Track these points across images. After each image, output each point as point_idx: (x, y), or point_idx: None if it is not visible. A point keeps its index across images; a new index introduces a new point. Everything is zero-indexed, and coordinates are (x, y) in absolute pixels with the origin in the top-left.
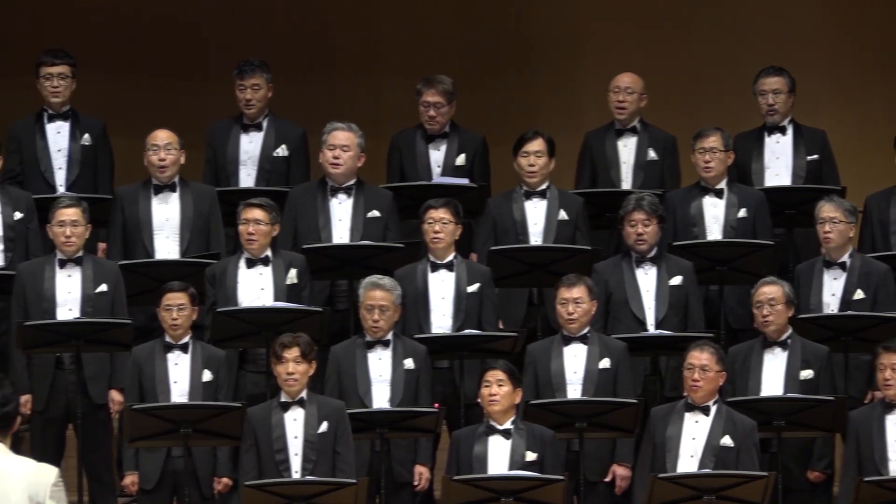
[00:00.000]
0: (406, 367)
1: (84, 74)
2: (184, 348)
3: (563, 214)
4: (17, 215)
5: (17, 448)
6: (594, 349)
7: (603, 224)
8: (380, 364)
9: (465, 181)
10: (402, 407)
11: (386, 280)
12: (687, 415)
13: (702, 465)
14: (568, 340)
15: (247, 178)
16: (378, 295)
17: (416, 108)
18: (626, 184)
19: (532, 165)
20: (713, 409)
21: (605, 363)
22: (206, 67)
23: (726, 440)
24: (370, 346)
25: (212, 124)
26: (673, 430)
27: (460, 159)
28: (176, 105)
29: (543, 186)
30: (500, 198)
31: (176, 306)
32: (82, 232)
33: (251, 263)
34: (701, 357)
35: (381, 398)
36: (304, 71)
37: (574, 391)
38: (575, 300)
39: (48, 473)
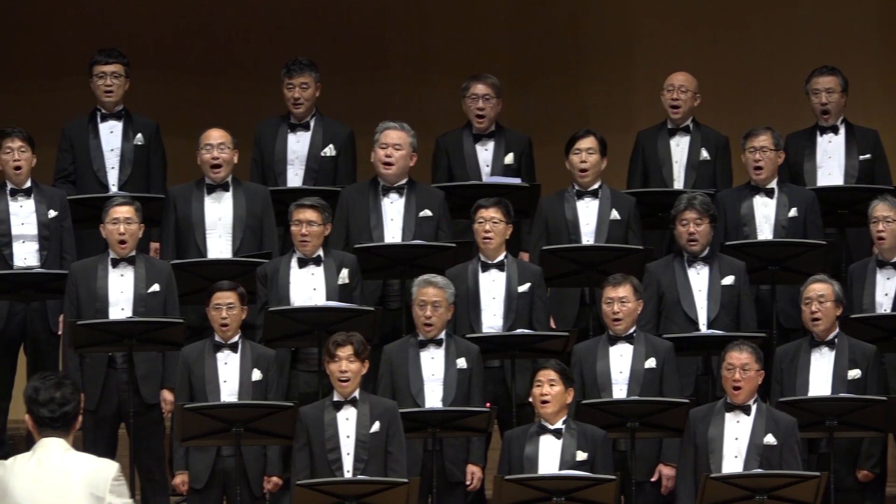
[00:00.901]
0: (459, 367)
1: (137, 74)
2: (233, 347)
3: (615, 214)
4: (52, 214)
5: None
6: (640, 349)
7: (655, 224)
8: (432, 363)
9: (516, 180)
10: (455, 406)
11: (439, 278)
12: (728, 415)
13: (747, 465)
14: (614, 340)
15: (294, 177)
16: (431, 292)
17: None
18: (679, 183)
19: (584, 163)
20: (754, 409)
21: (650, 363)
22: (257, 67)
23: (769, 439)
24: (423, 345)
25: (259, 124)
26: (715, 431)
27: (508, 158)
28: (227, 105)
29: (596, 186)
30: (552, 197)
31: (225, 305)
32: (135, 230)
33: (303, 263)
34: (741, 357)
35: (433, 397)
36: (354, 71)
37: (620, 391)
38: (620, 299)
39: (109, 469)
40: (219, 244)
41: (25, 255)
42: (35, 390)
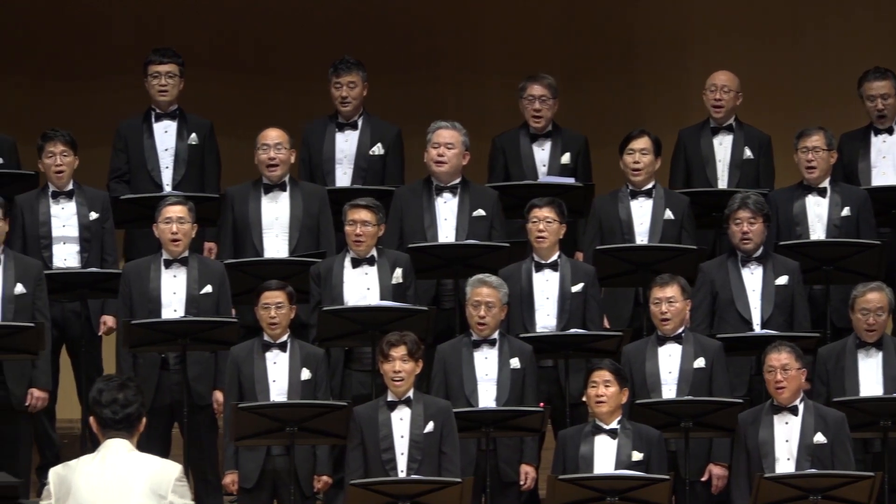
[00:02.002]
0: (512, 367)
1: (191, 74)
2: (282, 347)
3: (668, 214)
4: (93, 215)
5: None
6: (689, 349)
7: (708, 223)
8: (486, 363)
9: (570, 180)
10: (508, 406)
11: (493, 278)
12: (776, 417)
13: (798, 465)
14: (663, 340)
15: (343, 176)
16: (485, 291)
17: (518, 110)
18: (722, 182)
19: (637, 163)
20: (801, 408)
21: (699, 362)
22: (310, 67)
23: (819, 437)
24: (477, 344)
25: (307, 123)
26: (765, 434)
27: (565, 158)
28: (281, 105)
29: (649, 186)
30: (606, 197)
31: (274, 304)
32: (188, 230)
33: (357, 263)
34: (780, 357)
35: (487, 397)
36: (406, 71)
37: (669, 391)
38: (668, 299)
39: (172, 469)
40: (275, 244)
41: (66, 256)
42: (99, 392)
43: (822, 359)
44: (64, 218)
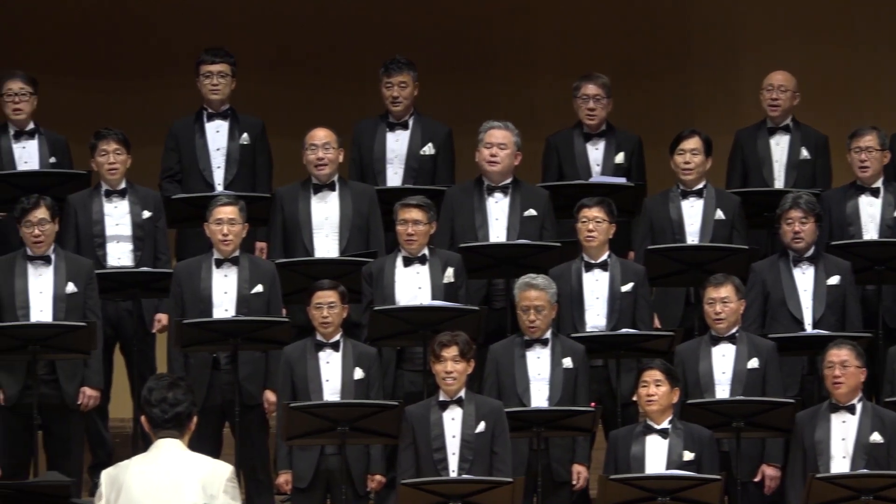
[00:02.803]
0: (565, 366)
1: (243, 74)
2: (335, 346)
3: (719, 214)
4: (146, 214)
5: None
6: (742, 348)
7: (760, 223)
8: (538, 363)
9: (621, 180)
10: (561, 406)
11: (540, 279)
12: (833, 416)
13: (854, 464)
14: (716, 340)
15: (393, 176)
16: (533, 295)
17: (571, 109)
18: (779, 182)
19: (688, 163)
20: (859, 407)
21: (753, 363)
22: (362, 67)
23: (875, 437)
24: (528, 344)
25: (357, 124)
26: (821, 433)
27: (619, 157)
28: (332, 104)
29: (700, 185)
30: (656, 197)
31: (326, 304)
32: (239, 230)
33: (408, 262)
34: (840, 354)
35: (539, 397)
36: (458, 71)
37: (722, 391)
38: (722, 300)
39: (223, 470)
40: (326, 244)
41: (119, 255)
42: (149, 391)
43: (891, 358)
44: (117, 217)
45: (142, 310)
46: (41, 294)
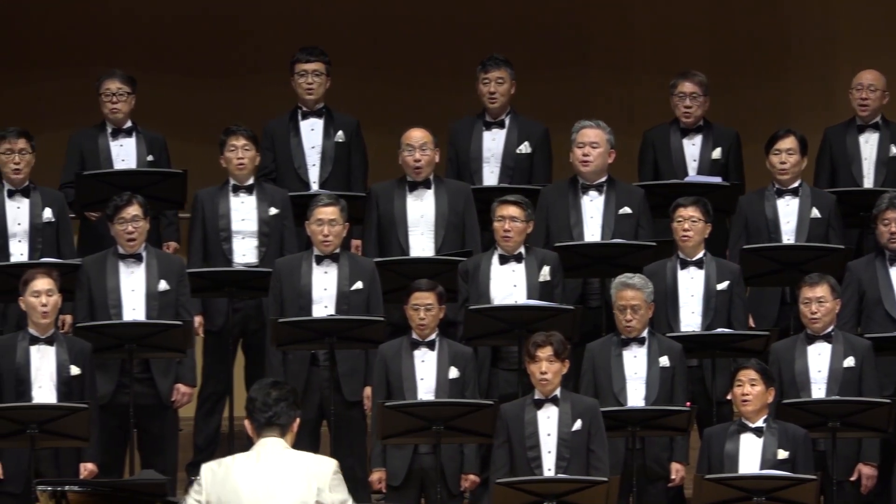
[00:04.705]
0: (661, 365)
1: (338, 72)
2: (430, 345)
3: (815, 212)
4: (273, 211)
5: None
6: (838, 347)
7: (854, 223)
8: (635, 362)
9: (717, 179)
10: (657, 405)
11: (636, 278)
12: None
13: None
14: (812, 339)
15: (490, 175)
16: (629, 294)
17: (669, 106)
18: (868, 181)
19: (783, 163)
20: None
21: (849, 362)
22: (457, 65)
23: None
24: (625, 343)
25: (454, 123)
26: None
27: (716, 153)
28: (427, 102)
29: (795, 184)
30: (752, 196)
31: (423, 306)
32: (340, 231)
33: (504, 260)
34: None
35: (636, 396)
36: (554, 68)
37: (818, 390)
38: (818, 299)
39: (328, 464)
40: (421, 242)
41: (245, 251)
42: (253, 392)
43: None
44: (243, 212)
45: (263, 307)
46: (133, 292)
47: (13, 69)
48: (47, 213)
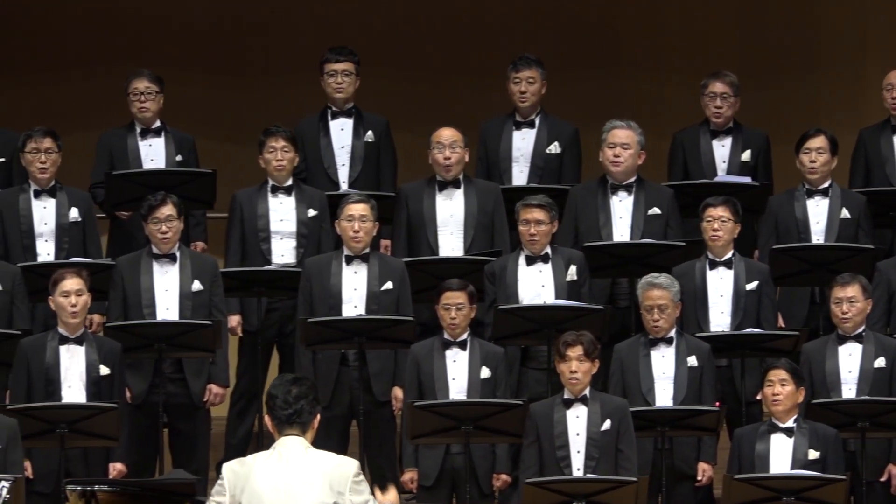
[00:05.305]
0: (689, 365)
1: (367, 72)
2: (462, 345)
3: (845, 213)
4: (311, 213)
5: None
6: (869, 348)
7: (885, 223)
8: (663, 361)
9: (746, 179)
10: (686, 405)
11: (662, 278)
12: None
13: None
14: (843, 339)
15: (519, 174)
16: (656, 294)
17: (698, 106)
18: None
19: (813, 162)
20: None
21: (880, 362)
22: (487, 65)
23: None
24: (653, 343)
25: (484, 122)
26: None
27: (745, 155)
28: (457, 102)
29: (825, 184)
30: (781, 196)
31: (454, 306)
32: (370, 228)
33: (531, 261)
34: None
35: (664, 396)
36: (584, 68)
37: (849, 390)
38: (849, 299)
39: (349, 466)
40: (450, 241)
41: (283, 251)
42: (272, 388)
43: None
44: (282, 213)
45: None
46: (167, 292)
47: (42, 70)
48: (74, 213)
